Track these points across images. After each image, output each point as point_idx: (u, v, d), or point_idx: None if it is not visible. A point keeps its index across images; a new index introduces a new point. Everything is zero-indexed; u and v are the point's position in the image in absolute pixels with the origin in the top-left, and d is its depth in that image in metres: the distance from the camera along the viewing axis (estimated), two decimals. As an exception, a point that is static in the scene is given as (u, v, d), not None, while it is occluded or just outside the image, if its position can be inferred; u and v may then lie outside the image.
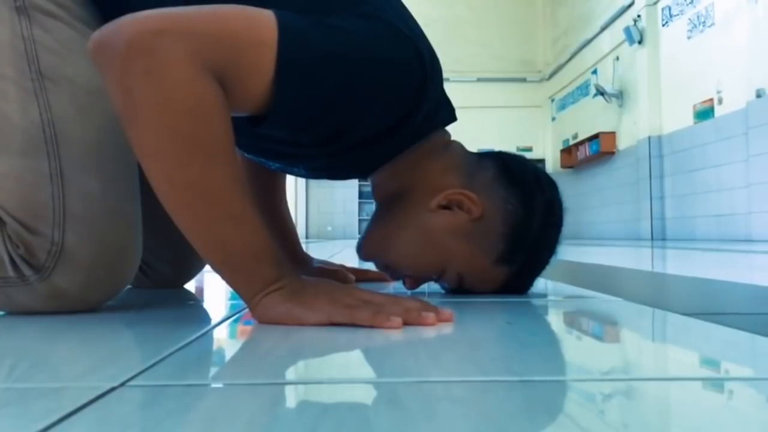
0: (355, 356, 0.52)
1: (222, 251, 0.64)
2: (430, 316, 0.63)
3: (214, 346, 0.59)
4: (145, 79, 0.59)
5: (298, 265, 1.17)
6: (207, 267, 1.20)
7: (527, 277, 0.91)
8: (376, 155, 0.87)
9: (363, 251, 0.92)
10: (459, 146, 0.93)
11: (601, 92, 8.93)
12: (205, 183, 0.61)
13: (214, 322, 0.73)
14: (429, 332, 0.60)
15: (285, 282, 0.65)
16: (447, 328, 0.63)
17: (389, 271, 0.92)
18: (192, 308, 0.91)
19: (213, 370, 0.49)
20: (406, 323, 0.62)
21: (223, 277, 0.66)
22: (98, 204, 0.73)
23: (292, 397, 0.39)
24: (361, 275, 1.16)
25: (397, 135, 0.80)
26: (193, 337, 0.58)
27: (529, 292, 0.96)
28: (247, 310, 0.67)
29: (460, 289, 0.90)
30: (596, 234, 9.56)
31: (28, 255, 0.72)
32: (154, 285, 1.10)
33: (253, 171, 1.15)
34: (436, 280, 0.92)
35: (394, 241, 0.87)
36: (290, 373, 0.46)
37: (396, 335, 0.58)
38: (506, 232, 0.84)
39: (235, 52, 0.63)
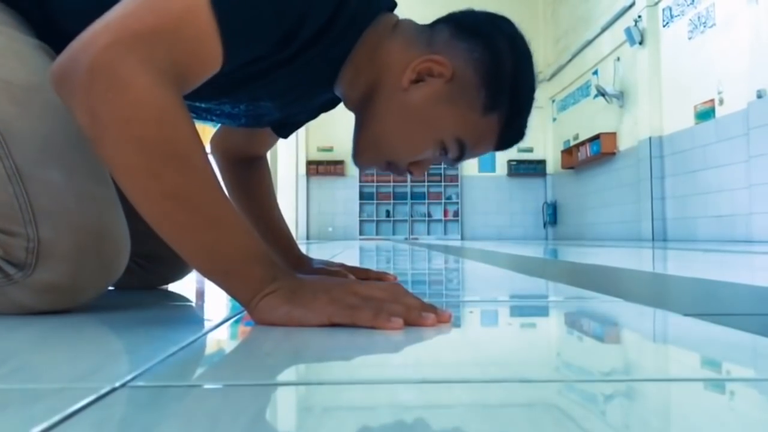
0: (356, 357, 0.52)
1: (210, 258, 0.64)
2: (430, 317, 0.63)
3: (215, 347, 0.59)
4: (107, 97, 0.59)
5: (296, 265, 1.17)
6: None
7: (519, 117, 0.91)
8: (331, 56, 0.84)
9: (359, 160, 0.92)
10: (408, 22, 0.92)
11: (601, 93, 8.92)
12: (181, 191, 0.62)
13: (214, 322, 0.73)
14: (429, 333, 0.60)
15: (281, 283, 0.65)
16: (448, 329, 0.62)
17: (392, 168, 0.91)
18: (192, 309, 0.91)
19: (213, 371, 0.49)
20: (406, 323, 0.62)
21: (217, 284, 0.66)
22: (64, 193, 0.72)
23: (292, 398, 0.39)
24: (362, 275, 1.16)
25: (340, 21, 0.78)
26: (194, 337, 0.58)
27: (530, 292, 0.96)
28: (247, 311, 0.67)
29: (463, 156, 0.89)
30: (597, 235, 9.56)
31: (8, 256, 0.71)
32: (154, 282, 1.10)
33: (239, 178, 1.16)
34: (439, 159, 0.91)
35: (384, 136, 0.87)
36: (291, 374, 0.46)
37: (396, 336, 0.58)
38: (482, 79, 0.83)
39: (178, 34, 0.63)
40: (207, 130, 1.14)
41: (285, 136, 1.15)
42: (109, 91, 0.59)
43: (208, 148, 0.89)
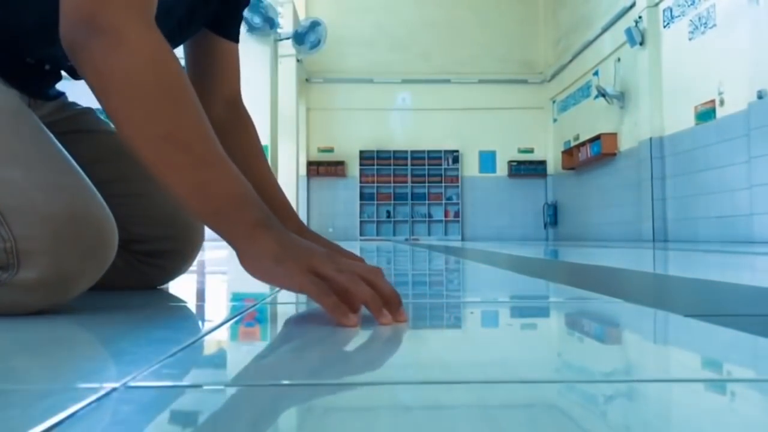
0: (357, 358, 0.52)
1: (202, 197, 0.68)
2: (387, 317, 0.63)
3: (215, 348, 0.59)
4: (108, 51, 0.66)
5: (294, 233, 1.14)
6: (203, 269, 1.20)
7: None
8: None
9: None
10: None
11: (602, 93, 8.93)
12: (177, 132, 0.67)
13: (214, 323, 0.73)
14: (430, 333, 0.60)
15: (271, 233, 0.67)
16: (449, 331, 0.62)
17: None
18: (192, 309, 0.91)
19: (213, 371, 0.49)
20: (367, 307, 0.63)
21: (209, 226, 0.69)
22: (28, 188, 0.72)
23: (293, 398, 0.39)
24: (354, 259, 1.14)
25: None
26: (194, 338, 0.58)
27: (531, 293, 0.96)
28: (247, 312, 0.67)
29: None
30: (598, 235, 9.56)
31: None
32: (155, 279, 1.10)
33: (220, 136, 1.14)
34: None
35: None
36: (291, 375, 0.46)
37: (396, 336, 0.58)
38: None
39: None
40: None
41: (232, 36, 1.11)
42: (109, 47, 0.66)
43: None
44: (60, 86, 1.03)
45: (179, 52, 1.00)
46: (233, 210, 0.67)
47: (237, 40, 1.13)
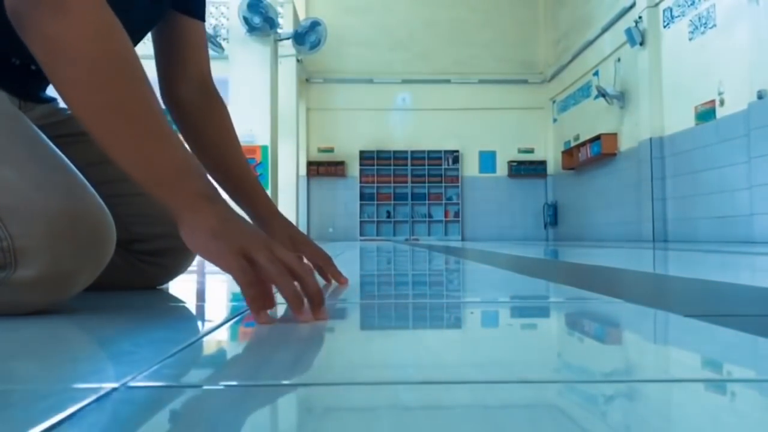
0: (357, 358, 0.52)
1: (146, 168, 0.69)
2: (304, 315, 0.64)
3: (215, 348, 0.59)
4: (55, 19, 0.67)
5: (263, 220, 1.12)
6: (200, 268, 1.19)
7: None
8: None
9: None
10: None
11: (602, 94, 8.93)
12: (121, 102, 0.68)
13: (214, 323, 0.73)
14: (430, 333, 0.60)
15: (214, 207, 0.68)
16: (449, 332, 0.62)
17: None
18: (192, 309, 0.91)
19: (213, 372, 0.49)
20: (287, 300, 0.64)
21: (154, 196, 0.69)
22: (21, 186, 0.72)
23: (293, 399, 0.39)
24: (318, 260, 1.12)
25: None
26: (194, 338, 0.58)
27: (531, 293, 0.96)
28: (248, 312, 0.67)
29: None
30: (598, 235, 9.56)
31: None
32: (157, 278, 1.10)
33: (196, 120, 1.12)
34: None
35: None
36: (291, 375, 0.46)
37: (397, 337, 0.58)
38: None
39: None
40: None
41: (197, 14, 1.10)
42: (55, 13, 0.67)
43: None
44: (51, 92, 1.03)
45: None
46: (177, 180, 0.69)
47: (203, 19, 1.12)
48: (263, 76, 8.04)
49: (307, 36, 8.83)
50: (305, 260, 1.07)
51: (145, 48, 1.05)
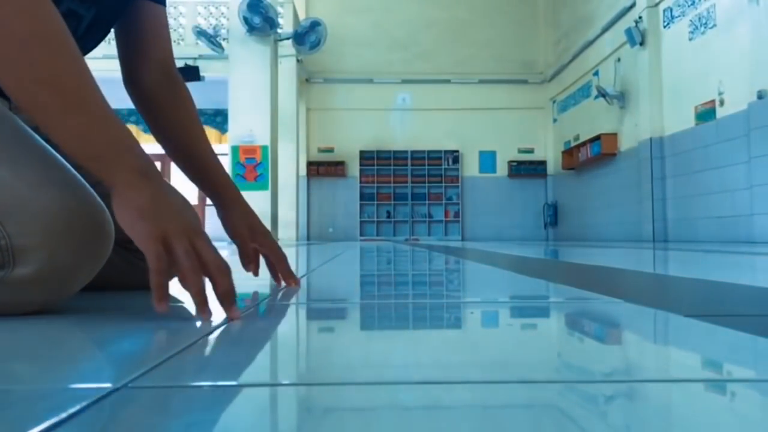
0: (357, 357, 0.52)
1: (81, 142, 0.69)
2: (206, 312, 0.66)
3: (215, 348, 0.59)
4: None
5: (225, 205, 1.10)
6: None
7: None
8: None
9: None
10: None
11: (602, 94, 8.93)
12: (52, 76, 0.68)
13: (215, 323, 0.73)
14: (430, 333, 0.60)
15: (148, 183, 0.69)
16: (448, 332, 0.62)
17: None
18: (192, 310, 0.91)
19: (213, 372, 0.49)
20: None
21: (88, 168, 0.70)
22: (15, 185, 0.72)
23: (292, 399, 0.39)
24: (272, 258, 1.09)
25: None
26: (195, 339, 0.58)
27: (531, 293, 0.96)
28: (247, 311, 0.67)
29: None
30: (598, 235, 9.56)
31: None
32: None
33: (159, 103, 1.10)
34: None
35: None
36: (291, 375, 0.46)
37: (397, 337, 0.58)
38: None
39: None
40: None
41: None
42: None
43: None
44: None
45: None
46: (112, 155, 0.69)
47: (164, 3, 1.12)
48: (263, 76, 8.05)
49: (307, 36, 8.83)
50: (261, 256, 1.08)
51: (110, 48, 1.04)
